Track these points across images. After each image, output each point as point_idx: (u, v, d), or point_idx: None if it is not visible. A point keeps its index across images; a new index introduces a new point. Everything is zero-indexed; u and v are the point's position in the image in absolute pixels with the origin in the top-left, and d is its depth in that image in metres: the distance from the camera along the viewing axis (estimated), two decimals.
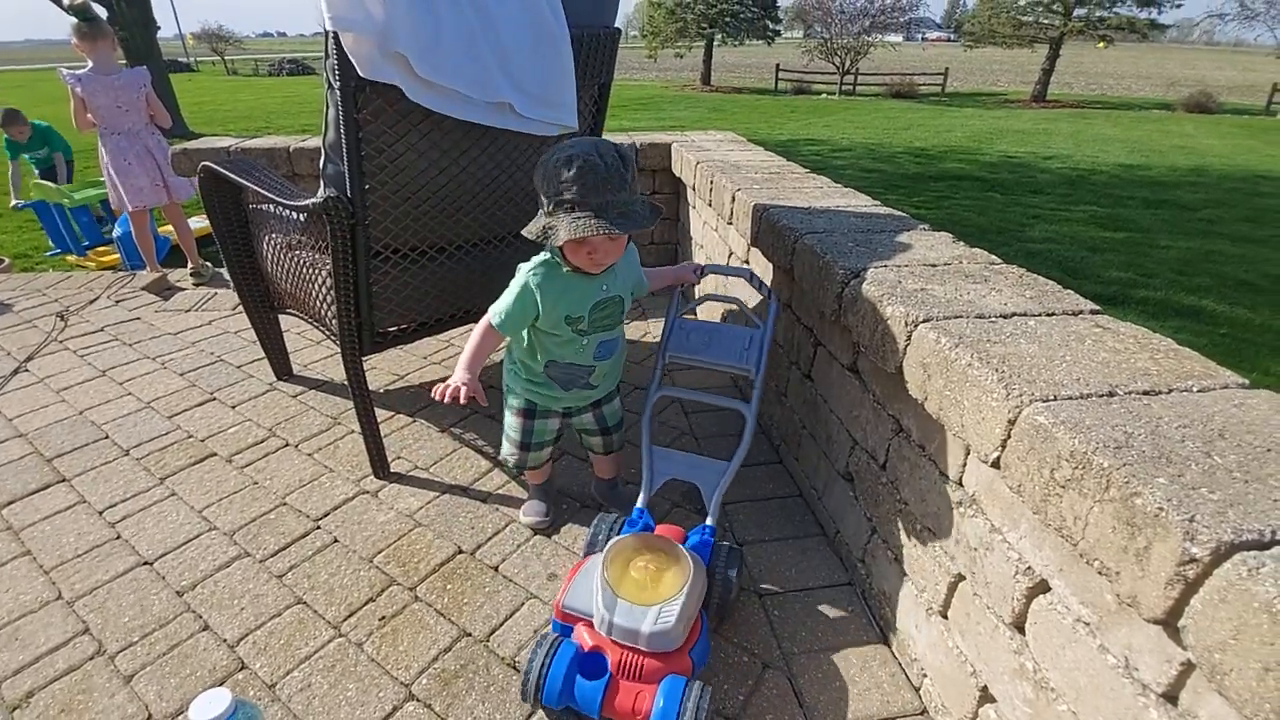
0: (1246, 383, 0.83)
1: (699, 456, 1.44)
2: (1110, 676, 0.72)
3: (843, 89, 19.65)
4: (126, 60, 9.54)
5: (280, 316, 2.06)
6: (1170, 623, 0.61)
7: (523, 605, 1.31)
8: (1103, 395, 0.80)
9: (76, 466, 1.73)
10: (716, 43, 21.63)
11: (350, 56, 1.22)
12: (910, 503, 1.13)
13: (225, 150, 2.81)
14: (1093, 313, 1.05)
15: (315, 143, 2.91)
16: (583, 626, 1.12)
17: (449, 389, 1.15)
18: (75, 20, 2.80)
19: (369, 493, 1.64)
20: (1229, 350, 3.20)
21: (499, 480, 1.68)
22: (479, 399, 1.17)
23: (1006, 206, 5.88)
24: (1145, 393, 0.81)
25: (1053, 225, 5.29)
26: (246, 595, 1.33)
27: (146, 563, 1.41)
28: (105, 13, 7.47)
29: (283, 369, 2.18)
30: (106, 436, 1.86)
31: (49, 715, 1.09)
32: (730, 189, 1.98)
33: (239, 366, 2.27)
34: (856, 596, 1.33)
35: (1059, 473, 0.73)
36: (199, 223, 3.56)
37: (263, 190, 1.58)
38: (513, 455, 1.42)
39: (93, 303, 2.86)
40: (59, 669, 1.17)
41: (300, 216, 1.66)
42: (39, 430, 1.89)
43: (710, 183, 2.23)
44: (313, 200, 1.40)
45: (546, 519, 1.47)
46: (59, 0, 6.66)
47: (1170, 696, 0.65)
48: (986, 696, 0.95)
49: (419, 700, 1.12)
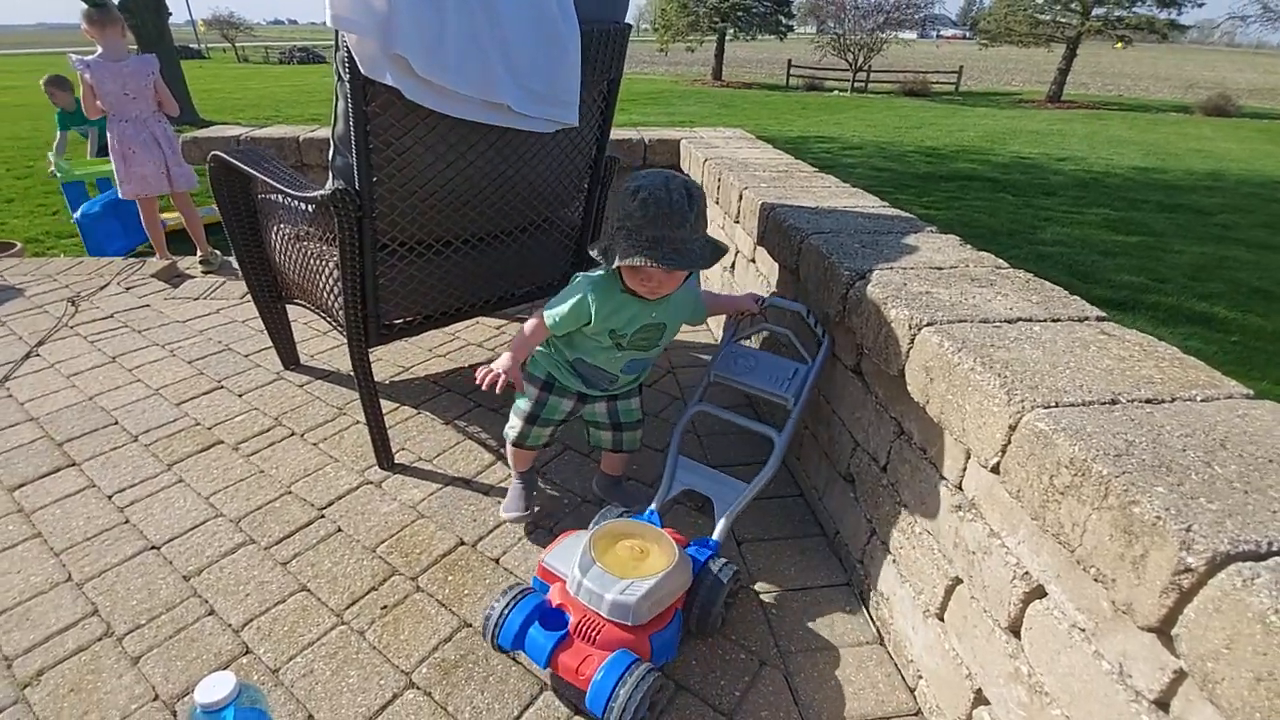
0: (1251, 393, 0.82)
1: (721, 474, 1.44)
2: (1104, 682, 0.72)
3: (855, 86, 19.50)
4: (138, 46, 9.59)
5: (288, 306, 2.07)
6: (1164, 631, 0.61)
7: None
8: (1105, 403, 0.80)
9: (86, 451, 1.75)
10: (728, 37, 21.53)
11: (354, 53, 1.22)
12: (910, 505, 1.14)
13: (235, 139, 2.83)
14: (1098, 319, 1.05)
15: (324, 133, 2.92)
16: (558, 585, 1.16)
17: (491, 374, 1.22)
18: (86, 6, 2.81)
19: (373, 483, 1.65)
20: (1239, 358, 3.17)
21: (502, 474, 1.69)
22: (517, 386, 1.28)
23: (1018, 208, 5.84)
24: (1148, 401, 0.80)
25: (1064, 228, 5.25)
26: (251, 582, 1.35)
27: (154, 547, 1.43)
28: None
29: (290, 359, 2.20)
30: (116, 422, 1.89)
31: (59, 694, 1.11)
32: (738, 187, 1.98)
33: (246, 355, 2.29)
34: (855, 597, 1.34)
35: (1058, 479, 0.73)
36: (204, 213, 3.58)
37: (272, 181, 1.59)
38: (515, 428, 1.43)
39: (103, 289, 2.88)
40: (69, 649, 1.19)
41: (308, 208, 1.67)
42: (50, 415, 1.92)
43: (718, 181, 2.23)
44: (321, 192, 1.41)
45: (528, 514, 1.50)
46: None
47: (1162, 704, 0.66)
48: (981, 699, 0.96)
49: (419, 688, 1.13)
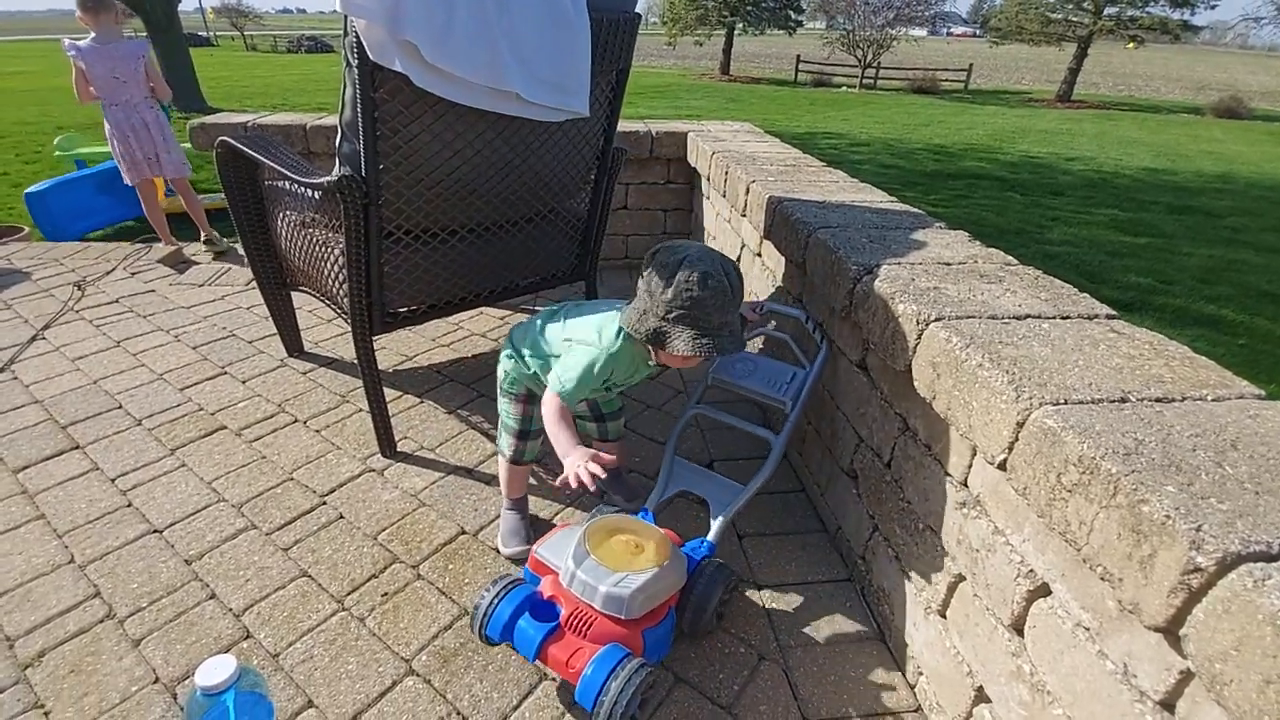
0: (1262, 394, 0.81)
1: (717, 475, 1.43)
2: (1108, 682, 0.71)
3: (863, 83, 19.37)
4: (148, 32, 9.58)
5: (292, 294, 2.07)
6: (1171, 631, 0.61)
7: None
8: (1114, 401, 0.79)
9: (90, 434, 1.76)
10: (737, 31, 21.37)
11: (362, 39, 1.21)
12: (913, 502, 1.13)
13: (242, 126, 2.82)
14: (1108, 317, 1.04)
15: (331, 121, 2.91)
16: (550, 578, 1.14)
17: (575, 476, 1.02)
18: None
19: (375, 471, 1.65)
20: (1247, 361, 3.15)
21: None
22: (601, 460, 1.03)
23: (1026, 207, 5.80)
24: (1158, 400, 0.80)
25: (1072, 228, 5.22)
26: (252, 567, 1.35)
27: (156, 531, 1.44)
28: None
29: (294, 346, 2.20)
30: (120, 406, 1.89)
31: (59, 675, 1.12)
32: (745, 180, 1.96)
33: (250, 342, 2.29)
34: (855, 593, 1.33)
35: (1066, 477, 0.72)
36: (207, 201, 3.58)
37: (279, 167, 1.59)
38: (510, 445, 1.38)
39: (109, 274, 2.89)
40: (70, 630, 1.20)
41: (315, 194, 1.66)
42: (54, 398, 1.92)
43: (725, 174, 2.21)
44: (327, 178, 1.41)
45: (528, 547, 1.33)
46: None
47: (1167, 704, 0.65)
48: (982, 697, 0.95)
49: (418, 675, 1.13)
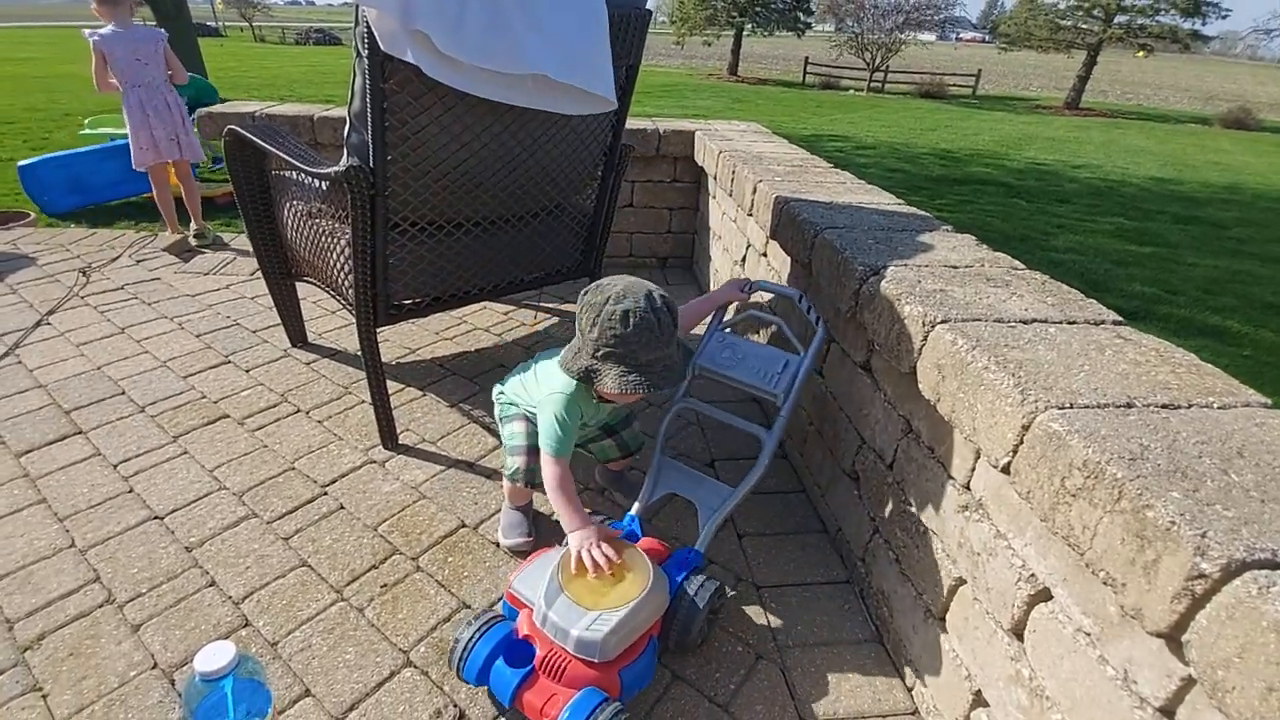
0: (1269, 402, 0.81)
1: (706, 477, 1.39)
2: (1108, 688, 0.71)
3: (871, 86, 19.34)
4: (156, 21, 9.60)
5: (297, 284, 2.08)
6: (1174, 637, 0.61)
7: None
8: (1120, 406, 0.79)
9: (93, 420, 1.76)
10: (746, 32, 21.35)
11: (373, 29, 1.21)
12: (915, 504, 1.13)
13: (250, 115, 2.83)
14: (1115, 323, 1.03)
15: (339, 112, 2.91)
16: (526, 614, 1.08)
17: (590, 557, 1.08)
18: None
19: (376, 462, 1.65)
20: (1250, 372, 3.14)
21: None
22: (610, 537, 1.14)
23: (1031, 214, 5.79)
24: (1164, 406, 0.79)
25: (1077, 236, 5.20)
26: (252, 555, 1.35)
27: (157, 517, 1.44)
28: None
29: (298, 336, 2.20)
30: (123, 392, 1.89)
31: (58, 658, 1.12)
32: (752, 180, 1.96)
33: (254, 331, 2.29)
34: (854, 595, 1.33)
35: (1070, 481, 0.72)
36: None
37: (287, 156, 1.59)
38: (518, 465, 1.33)
39: (114, 261, 2.89)
40: (69, 614, 1.20)
41: (322, 184, 1.66)
42: (58, 383, 1.93)
43: (732, 173, 2.21)
44: (335, 168, 1.41)
45: (529, 539, 1.39)
46: None
47: (1168, 711, 0.65)
48: (980, 701, 0.95)
49: (416, 667, 1.14)
